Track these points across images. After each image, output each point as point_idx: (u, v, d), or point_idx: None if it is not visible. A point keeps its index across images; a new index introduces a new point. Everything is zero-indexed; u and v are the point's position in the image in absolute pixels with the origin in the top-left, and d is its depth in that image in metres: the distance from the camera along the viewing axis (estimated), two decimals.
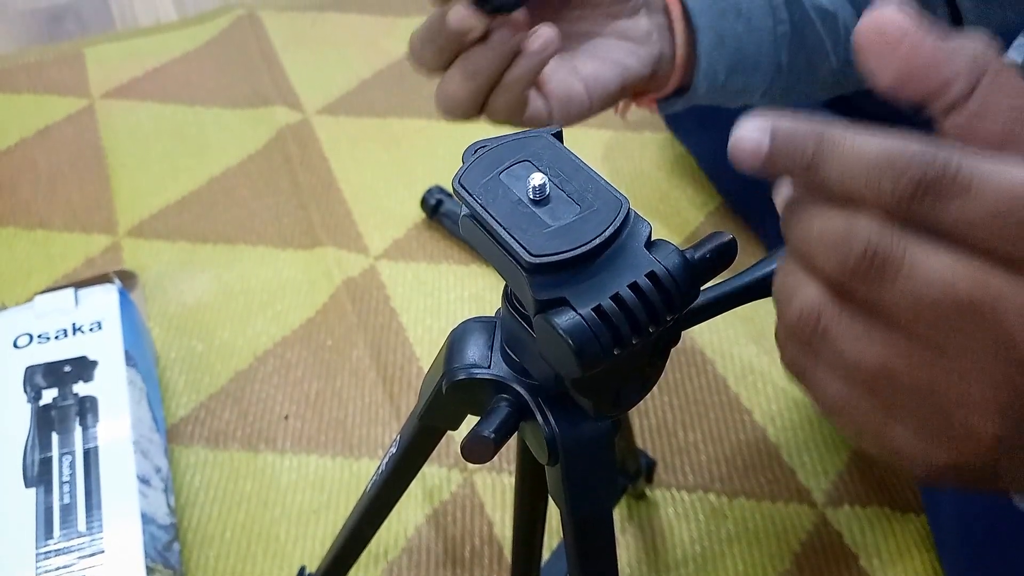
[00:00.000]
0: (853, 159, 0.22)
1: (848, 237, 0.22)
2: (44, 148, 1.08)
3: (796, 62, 0.51)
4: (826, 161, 0.22)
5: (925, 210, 0.21)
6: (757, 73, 0.50)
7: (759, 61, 0.50)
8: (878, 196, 0.21)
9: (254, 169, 1.04)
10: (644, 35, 0.45)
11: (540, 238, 0.27)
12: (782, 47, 0.50)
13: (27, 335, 0.74)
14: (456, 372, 0.36)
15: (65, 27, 1.30)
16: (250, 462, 0.77)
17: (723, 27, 0.48)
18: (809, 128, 0.23)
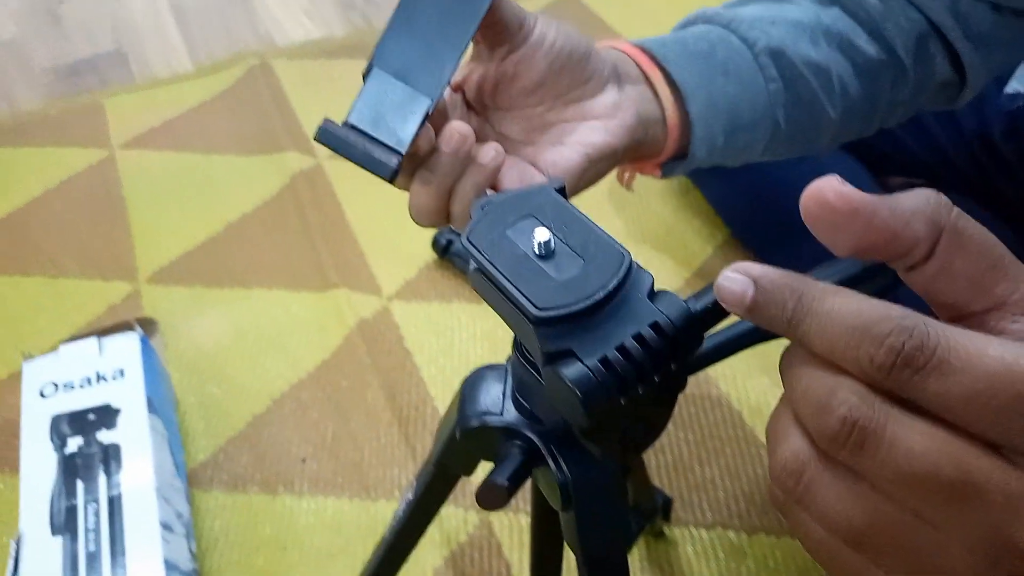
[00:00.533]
0: (830, 323, 0.22)
1: (829, 403, 0.22)
2: (66, 198, 1.10)
3: (793, 118, 0.51)
4: (804, 322, 0.23)
5: (902, 382, 0.21)
6: (756, 132, 0.50)
7: (755, 120, 0.49)
8: (855, 363, 0.22)
9: (268, 214, 1.07)
10: (610, 109, 0.43)
11: (546, 292, 0.28)
12: (777, 104, 0.49)
13: (53, 384, 0.76)
14: (469, 419, 0.37)
15: (85, 81, 1.33)
16: (268, 505, 0.78)
17: (713, 90, 0.47)
18: (790, 285, 0.24)
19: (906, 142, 0.89)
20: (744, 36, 0.49)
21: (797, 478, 0.23)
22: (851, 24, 0.52)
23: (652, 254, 1.00)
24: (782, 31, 0.50)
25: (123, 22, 1.46)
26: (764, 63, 0.49)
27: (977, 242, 0.23)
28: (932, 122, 0.87)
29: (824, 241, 0.24)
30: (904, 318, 0.21)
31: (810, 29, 0.51)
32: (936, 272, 0.23)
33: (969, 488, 0.21)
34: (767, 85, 0.49)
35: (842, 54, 0.52)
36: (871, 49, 0.52)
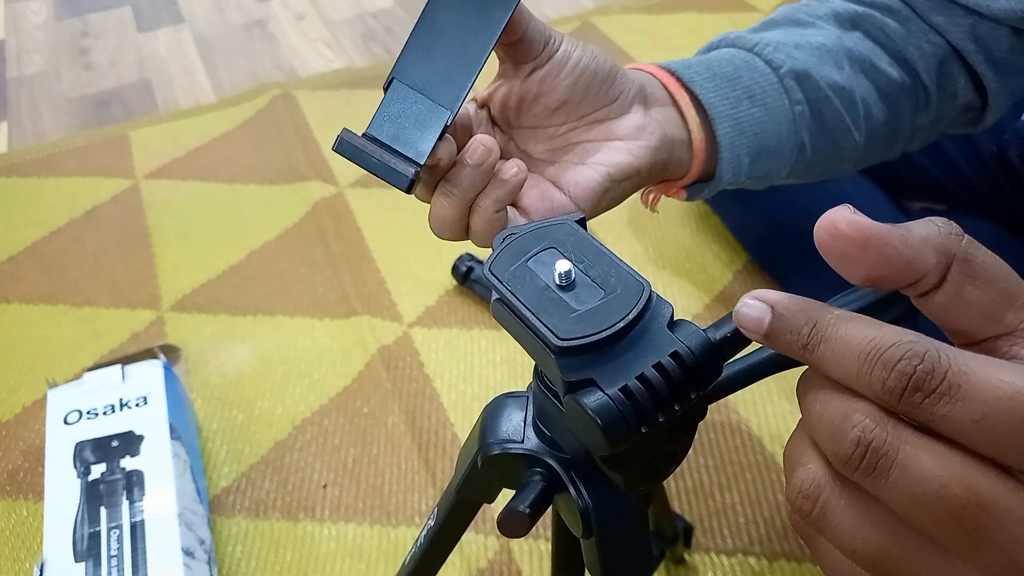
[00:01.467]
0: (843, 348, 0.23)
1: (843, 427, 0.22)
2: (91, 228, 1.12)
3: (818, 142, 0.51)
4: (819, 347, 0.23)
5: (914, 406, 0.21)
6: (781, 155, 0.49)
7: (780, 144, 0.49)
8: (868, 388, 0.22)
9: (291, 242, 1.08)
10: (634, 130, 0.43)
11: (567, 322, 0.29)
12: (802, 128, 0.49)
13: (77, 411, 0.77)
14: (491, 447, 0.37)
15: (111, 112, 1.36)
16: (290, 531, 0.78)
17: (740, 114, 0.47)
18: (805, 311, 0.24)
19: (925, 165, 0.89)
20: (769, 59, 0.49)
21: (813, 502, 0.24)
22: (873, 47, 0.52)
23: (672, 279, 1.00)
24: (806, 54, 0.50)
25: (148, 54, 1.50)
26: (789, 86, 0.49)
27: (987, 270, 0.24)
28: (950, 145, 0.87)
29: (838, 270, 0.25)
30: (915, 343, 0.21)
31: (834, 52, 0.51)
32: (948, 300, 0.24)
33: (980, 511, 0.21)
34: (792, 108, 0.49)
35: (866, 77, 0.51)
36: (894, 72, 0.52)
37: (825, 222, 0.24)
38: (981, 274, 0.24)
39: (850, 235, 0.23)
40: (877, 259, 0.23)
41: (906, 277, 0.24)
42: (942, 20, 0.52)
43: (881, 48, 0.52)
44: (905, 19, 0.53)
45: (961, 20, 0.52)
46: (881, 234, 0.23)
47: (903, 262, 0.23)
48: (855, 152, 0.53)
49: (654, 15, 1.50)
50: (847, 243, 0.24)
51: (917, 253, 0.23)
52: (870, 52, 0.52)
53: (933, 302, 0.24)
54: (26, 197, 1.18)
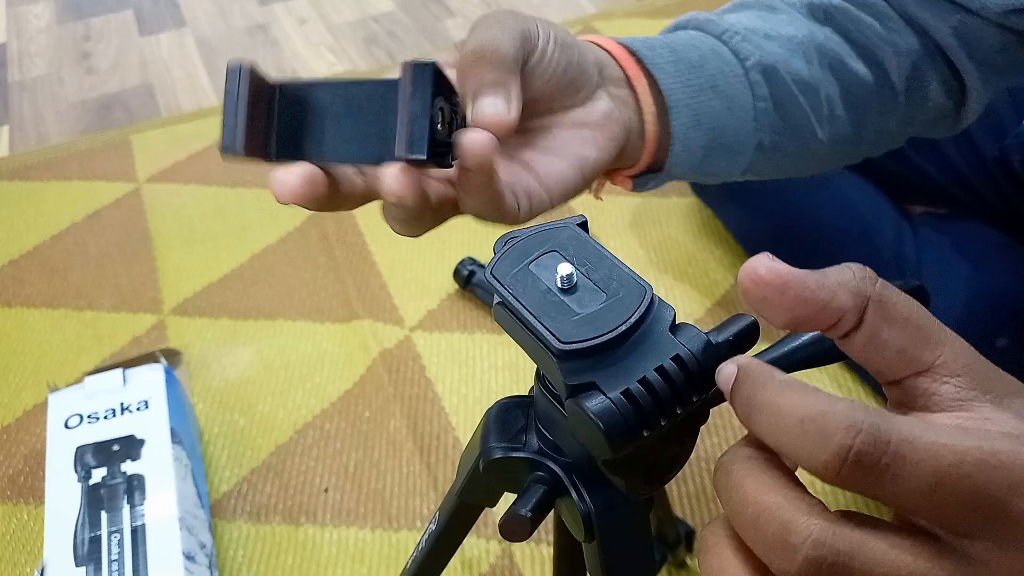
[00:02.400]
0: (780, 421, 0.22)
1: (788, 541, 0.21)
2: (93, 231, 1.12)
3: (779, 140, 0.48)
4: (753, 416, 0.23)
5: (857, 480, 0.21)
6: (737, 152, 0.47)
7: (739, 140, 0.47)
8: (807, 462, 0.21)
9: (293, 246, 1.08)
10: (602, 118, 0.41)
11: (569, 326, 0.29)
12: (764, 125, 0.47)
13: (78, 415, 0.77)
14: (492, 451, 0.37)
15: (113, 116, 1.36)
16: (291, 535, 0.78)
17: (699, 105, 0.44)
18: (751, 376, 0.24)
19: (926, 169, 0.89)
20: (736, 49, 0.46)
21: None
22: (843, 44, 0.50)
23: (673, 283, 1.00)
24: (775, 46, 0.47)
25: (150, 58, 1.50)
26: (755, 80, 0.46)
27: (901, 311, 0.24)
28: (952, 149, 0.87)
29: (761, 315, 0.25)
30: (852, 410, 0.21)
31: (804, 46, 0.48)
32: (866, 341, 0.25)
33: None
34: (755, 104, 0.46)
35: (833, 75, 0.49)
36: (862, 71, 0.50)
37: (747, 269, 0.25)
38: (895, 314, 0.24)
39: (769, 280, 0.24)
40: (795, 302, 0.24)
41: (824, 319, 0.24)
42: (927, 15, 0.50)
43: (852, 44, 0.50)
44: (882, 15, 0.51)
45: (948, 16, 0.50)
46: (798, 279, 0.24)
47: (820, 304, 0.24)
48: (818, 153, 0.51)
49: (656, 19, 1.50)
50: (766, 288, 0.24)
51: (833, 296, 0.24)
52: (839, 48, 0.50)
53: (854, 343, 0.25)
54: (28, 201, 1.18)
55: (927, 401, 0.24)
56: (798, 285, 0.24)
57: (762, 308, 0.25)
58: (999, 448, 0.20)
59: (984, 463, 0.20)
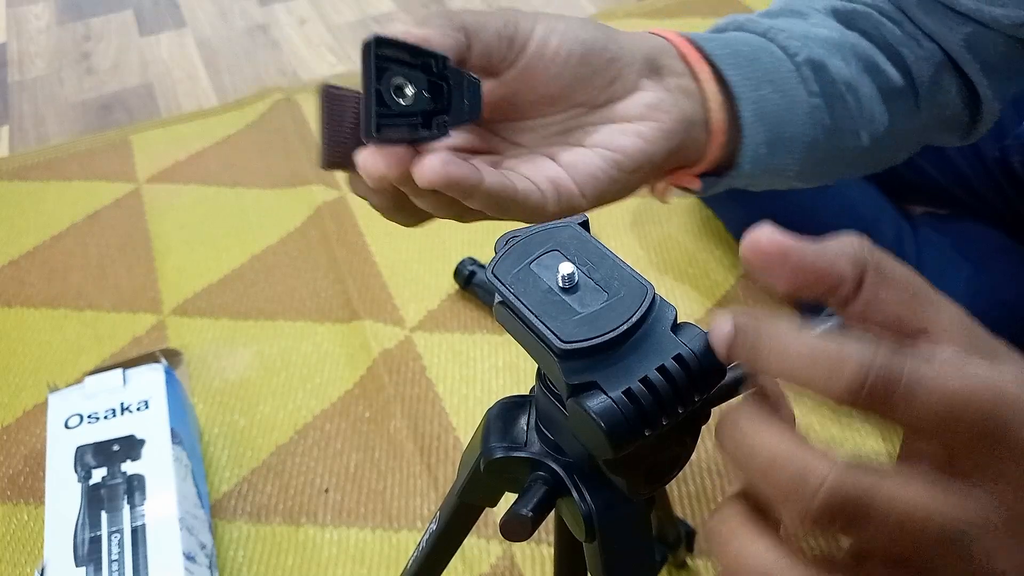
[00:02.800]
0: (794, 352, 0.23)
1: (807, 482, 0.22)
2: (93, 232, 1.12)
3: (830, 139, 0.47)
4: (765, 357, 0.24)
5: (872, 402, 0.22)
6: (794, 149, 0.46)
7: (795, 137, 0.45)
8: (825, 385, 0.22)
9: (293, 246, 1.08)
10: (647, 110, 0.38)
11: (570, 325, 0.29)
12: (816, 123, 0.46)
13: (78, 415, 0.77)
14: (493, 451, 0.37)
15: (114, 116, 1.36)
16: (291, 536, 0.78)
17: (760, 98, 0.43)
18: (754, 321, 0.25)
19: (928, 170, 0.89)
20: (784, 45, 0.45)
21: None
22: (873, 48, 0.50)
23: (674, 284, 1.00)
24: (816, 46, 0.46)
25: (150, 58, 1.50)
26: (806, 75, 0.45)
27: (899, 277, 0.25)
28: (953, 150, 0.87)
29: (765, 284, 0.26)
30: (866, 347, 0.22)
31: (840, 46, 0.48)
32: (866, 305, 0.25)
33: (955, 534, 0.22)
34: (808, 99, 0.45)
35: (869, 76, 0.49)
36: (893, 75, 0.50)
37: (749, 240, 0.25)
38: (893, 280, 0.25)
39: (770, 250, 0.25)
40: (795, 271, 0.25)
41: (823, 286, 0.25)
42: (936, 26, 0.50)
43: (880, 48, 0.50)
44: (899, 22, 0.51)
45: (956, 26, 0.50)
46: (798, 248, 0.25)
47: (820, 272, 0.25)
48: (860, 156, 0.51)
49: (657, 20, 1.50)
50: (768, 258, 0.25)
51: (832, 263, 0.25)
52: (870, 51, 0.49)
53: (853, 309, 0.26)
54: (28, 201, 1.18)
55: None
56: (798, 254, 0.25)
57: (764, 276, 0.26)
58: (1008, 379, 0.22)
59: (992, 390, 0.22)
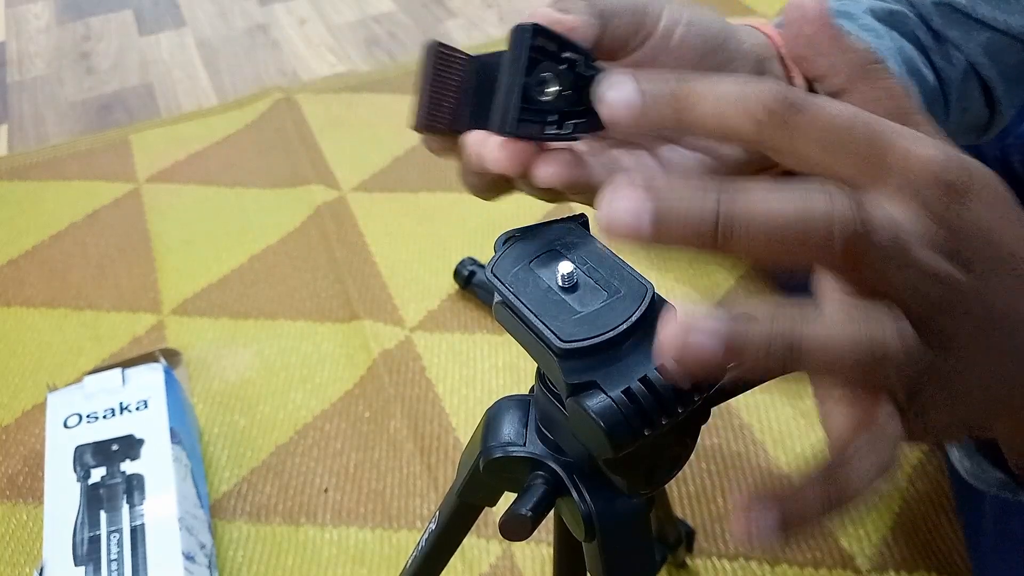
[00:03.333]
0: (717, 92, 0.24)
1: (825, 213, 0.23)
2: (92, 231, 1.12)
3: None
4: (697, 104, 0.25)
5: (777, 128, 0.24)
6: None
7: None
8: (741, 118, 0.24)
9: (293, 246, 1.08)
10: None
11: (570, 324, 0.29)
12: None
13: (77, 415, 0.77)
14: (492, 450, 0.37)
15: (113, 115, 1.36)
16: (291, 536, 0.78)
17: None
18: (668, 78, 0.25)
19: None
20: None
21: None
22: (914, 50, 0.49)
23: (675, 284, 1.00)
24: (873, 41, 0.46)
25: (150, 58, 1.50)
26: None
27: (886, 89, 0.28)
28: None
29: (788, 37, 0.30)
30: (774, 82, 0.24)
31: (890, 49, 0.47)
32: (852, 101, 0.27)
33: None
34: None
35: (913, 79, 0.48)
36: (931, 79, 0.50)
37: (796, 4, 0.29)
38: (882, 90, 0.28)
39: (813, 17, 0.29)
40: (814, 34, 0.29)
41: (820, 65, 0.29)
42: (957, 34, 0.50)
43: (919, 50, 0.49)
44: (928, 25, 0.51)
45: (976, 35, 0.50)
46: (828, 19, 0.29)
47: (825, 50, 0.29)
48: None
49: None
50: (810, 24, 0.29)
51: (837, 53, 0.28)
52: (912, 53, 0.49)
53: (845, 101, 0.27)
54: (27, 201, 1.18)
55: None
56: (825, 21, 0.28)
57: (793, 30, 0.29)
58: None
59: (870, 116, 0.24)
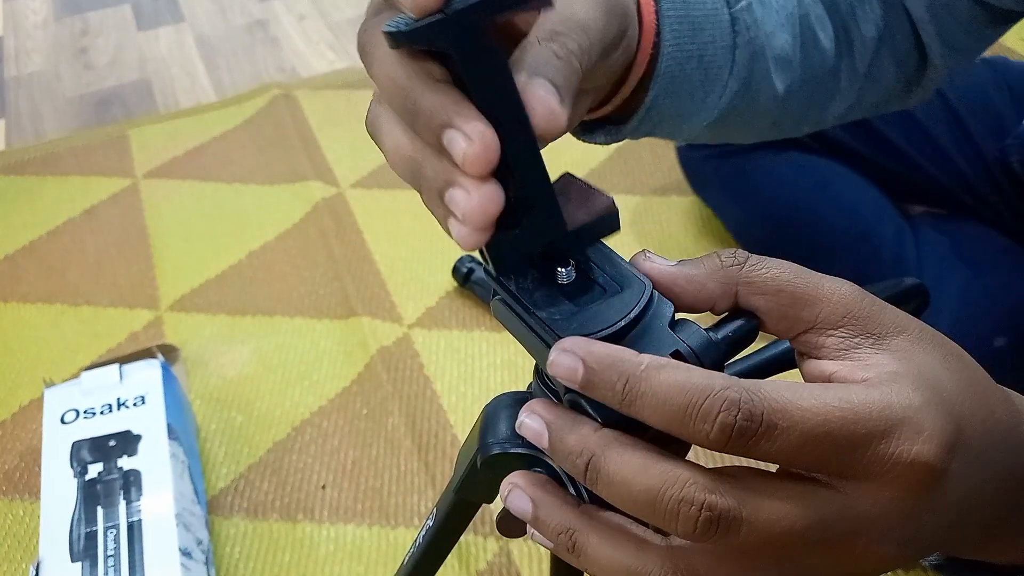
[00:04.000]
0: (660, 404, 0.24)
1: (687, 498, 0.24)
2: (90, 227, 1.12)
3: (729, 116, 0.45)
4: (635, 403, 0.25)
5: (738, 449, 0.24)
6: (689, 123, 0.44)
7: (695, 112, 0.43)
8: (692, 438, 0.24)
9: (291, 243, 1.08)
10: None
11: (568, 321, 0.28)
12: (722, 103, 0.44)
13: (74, 411, 0.77)
14: (490, 447, 0.37)
15: (111, 111, 1.36)
16: (289, 533, 0.78)
17: (681, 74, 0.40)
18: (615, 366, 0.25)
19: (927, 168, 0.89)
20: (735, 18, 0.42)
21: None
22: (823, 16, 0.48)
23: None
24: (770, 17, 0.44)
25: (148, 54, 1.50)
26: (739, 59, 0.43)
27: (771, 285, 0.28)
28: (953, 150, 0.87)
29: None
30: (727, 389, 0.24)
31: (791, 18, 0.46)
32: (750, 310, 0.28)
33: (820, 530, 0.24)
34: (727, 83, 0.43)
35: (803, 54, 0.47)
36: (829, 51, 0.48)
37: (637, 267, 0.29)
38: (767, 288, 0.28)
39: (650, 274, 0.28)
40: (668, 295, 0.28)
41: (699, 305, 0.29)
42: None
43: (829, 18, 0.48)
44: None
45: None
46: (668, 275, 0.28)
47: (691, 297, 0.28)
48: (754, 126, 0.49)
49: None
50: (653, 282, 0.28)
51: (702, 287, 0.28)
52: (817, 22, 0.47)
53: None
54: (24, 197, 1.18)
55: (817, 352, 0.28)
56: (668, 281, 0.28)
57: None
58: (855, 401, 0.24)
59: (843, 419, 0.24)
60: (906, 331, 0.27)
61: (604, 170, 1.16)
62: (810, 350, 0.28)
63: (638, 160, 1.16)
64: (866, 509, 0.24)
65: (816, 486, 0.25)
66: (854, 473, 0.24)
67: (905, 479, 0.24)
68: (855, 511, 0.24)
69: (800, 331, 0.28)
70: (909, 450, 0.24)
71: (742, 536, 0.24)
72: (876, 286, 0.30)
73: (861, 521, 0.24)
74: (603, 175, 1.15)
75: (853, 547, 0.25)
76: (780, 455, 0.24)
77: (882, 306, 0.28)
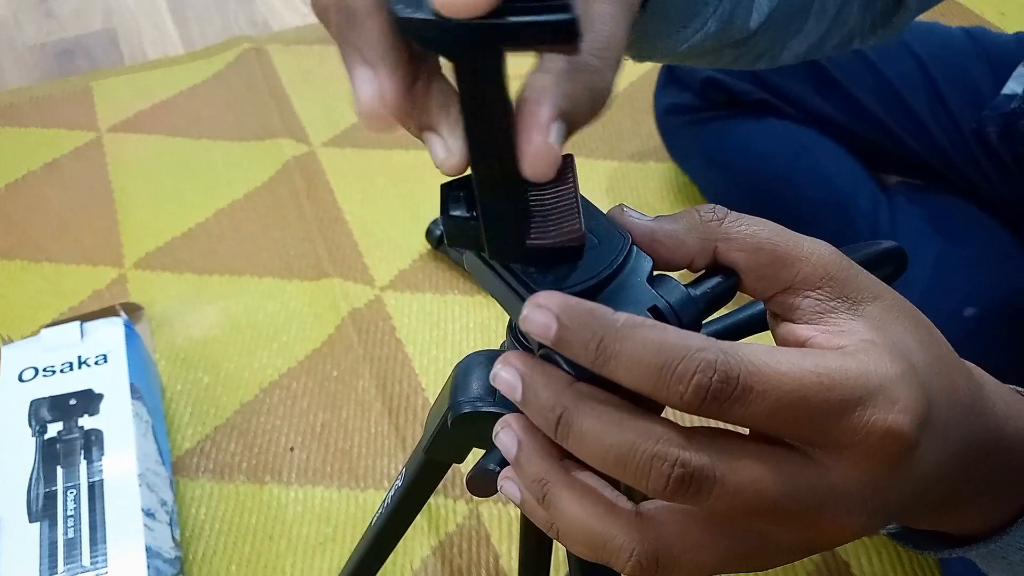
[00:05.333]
0: (635, 364, 0.23)
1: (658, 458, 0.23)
2: (51, 181, 1.09)
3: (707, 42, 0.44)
4: (608, 363, 0.24)
5: (712, 412, 0.23)
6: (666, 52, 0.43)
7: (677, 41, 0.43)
8: (666, 399, 0.24)
9: (261, 202, 1.05)
10: None
11: (543, 275, 0.27)
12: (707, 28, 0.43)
13: (33, 368, 0.75)
14: (461, 405, 0.36)
15: (75, 62, 1.31)
16: (256, 494, 0.77)
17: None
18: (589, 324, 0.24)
19: (903, 138, 0.89)
20: None
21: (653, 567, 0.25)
22: None
23: None
24: None
25: (115, 4, 1.44)
26: None
27: (750, 242, 0.27)
28: (930, 121, 0.86)
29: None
30: (704, 350, 0.23)
31: None
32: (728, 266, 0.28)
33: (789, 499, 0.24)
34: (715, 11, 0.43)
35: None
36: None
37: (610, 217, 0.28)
38: (746, 245, 0.27)
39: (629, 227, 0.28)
40: (646, 251, 0.28)
41: (677, 261, 0.28)
42: None
43: None
44: None
45: None
46: (646, 229, 0.28)
47: (669, 252, 0.28)
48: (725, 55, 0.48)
49: None
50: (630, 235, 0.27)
51: (680, 242, 0.28)
52: None
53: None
54: None
55: (792, 314, 0.27)
56: (648, 236, 0.28)
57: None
58: (832, 368, 0.24)
59: (818, 384, 0.23)
60: (880, 298, 0.27)
61: (581, 135, 1.13)
62: (785, 311, 0.27)
63: (616, 126, 1.15)
64: (837, 480, 0.24)
65: (790, 452, 0.24)
66: (827, 441, 0.24)
67: (878, 449, 0.24)
68: (826, 481, 0.24)
69: (777, 291, 0.27)
70: (884, 419, 0.24)
71: (712, 497, 0.23)
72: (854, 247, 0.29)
73: (830, 493, 0.24)
74: (580, 140, 1.13)
75: (819, 519, 0.24)
76: (754, 419, 0.24)
77: (859, 270, 0.27)
